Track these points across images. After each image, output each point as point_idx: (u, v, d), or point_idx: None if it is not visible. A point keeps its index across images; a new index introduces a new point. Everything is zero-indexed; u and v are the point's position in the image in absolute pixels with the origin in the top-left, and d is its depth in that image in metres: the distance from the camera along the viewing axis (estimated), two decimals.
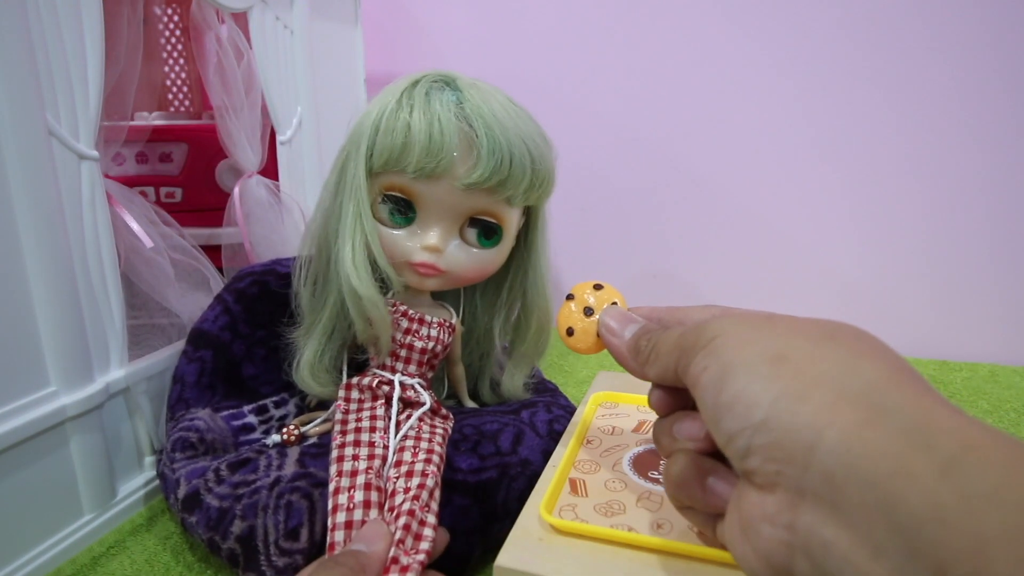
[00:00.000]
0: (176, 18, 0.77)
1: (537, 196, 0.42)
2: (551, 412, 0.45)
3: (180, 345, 0.48)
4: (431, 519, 0.34)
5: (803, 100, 0.71)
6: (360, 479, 0.36)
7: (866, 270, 0.73)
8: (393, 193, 0.40)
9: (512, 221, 0.42)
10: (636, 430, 0.40)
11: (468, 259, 0.42)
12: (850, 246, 0.73)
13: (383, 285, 0.41)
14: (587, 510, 0.32)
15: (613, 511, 0.32)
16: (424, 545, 0.33)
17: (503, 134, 0.38)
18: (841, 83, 0.69)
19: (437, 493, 0.36)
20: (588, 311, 0.35)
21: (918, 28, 0.66)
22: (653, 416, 0.42)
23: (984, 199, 0.68)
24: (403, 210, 0.40)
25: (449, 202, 0.39)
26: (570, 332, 0.35)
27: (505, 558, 0.29)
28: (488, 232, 0.41)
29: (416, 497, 0.35)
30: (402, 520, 0.34)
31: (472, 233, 0.41)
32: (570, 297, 0.36)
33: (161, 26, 0.77)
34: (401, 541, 0.33)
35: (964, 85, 0.66)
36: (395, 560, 0.32)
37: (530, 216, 0.45)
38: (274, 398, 0.50)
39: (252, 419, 0.48)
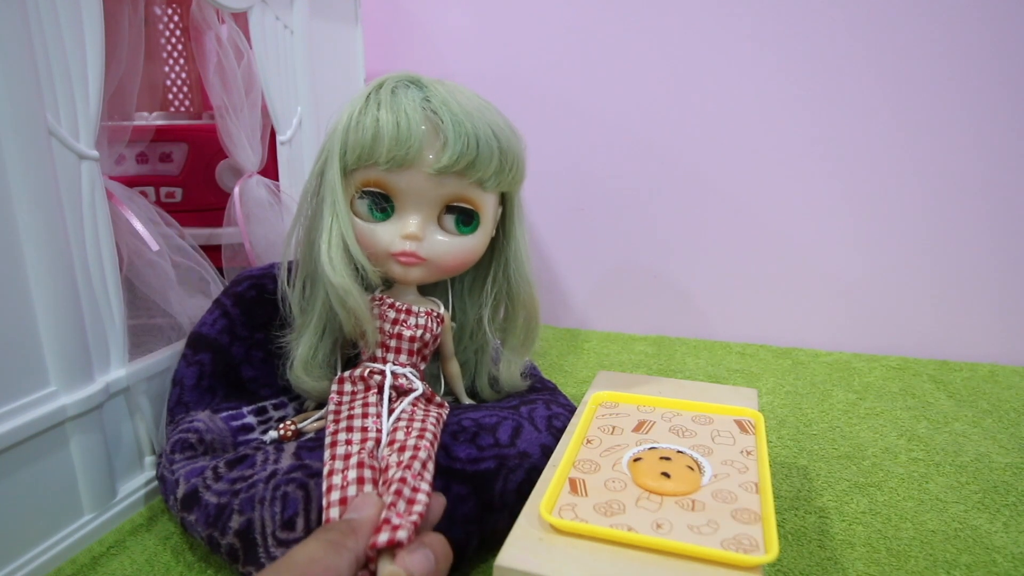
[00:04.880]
0: (176, 18, 0.77)
1: (509, 181, 0.43)
2: (550, 409, 0.45)
3: (181, 345, 0.48)
4: (424, 486, 0.34)
5: (803, 99, 0.71)
6: (353, 460, 0.36)
7: (866, 270, 0.73)
8: (370, 188, 0.42)
9: (488, 207, 0.43)
10: (636, 430, 0.40)
11: (448, 246, 0.43)
12: (850, 246, 0.73)
13: (369, 284, 0.43)
14: (587, 510, 0.32)
15: (613, 511, 0.32)
16: (417, 508, 0.32)
17: (468, 119, 0.40)
18: (841, 82, 0.69)
19: (431, 465, 0.36)
20: (665, 458, 0.36)
21: (919, 28, 0.66)
22: (653, 416, 0.42)
23: (984, 199, 0.68)
24: (381, 204, 0.42)
25: (423, 190, 0.41)
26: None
27: (505, 558, 0.29)
28: (466, 218, 0.43)
29: (408, 467, 0.35)
30: (394, 487, 0.33)
31: (450, 220, 0.43)
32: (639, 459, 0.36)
33: (161, 26, 0.77)
34: (393, 504, 0.32)
35: (964, 85, 0.66)
36: (387, 521, 0.31)
37: (506, 205, 0.46)
38: (273, 400, 0.50)
39: (251, 419, 0.48)
